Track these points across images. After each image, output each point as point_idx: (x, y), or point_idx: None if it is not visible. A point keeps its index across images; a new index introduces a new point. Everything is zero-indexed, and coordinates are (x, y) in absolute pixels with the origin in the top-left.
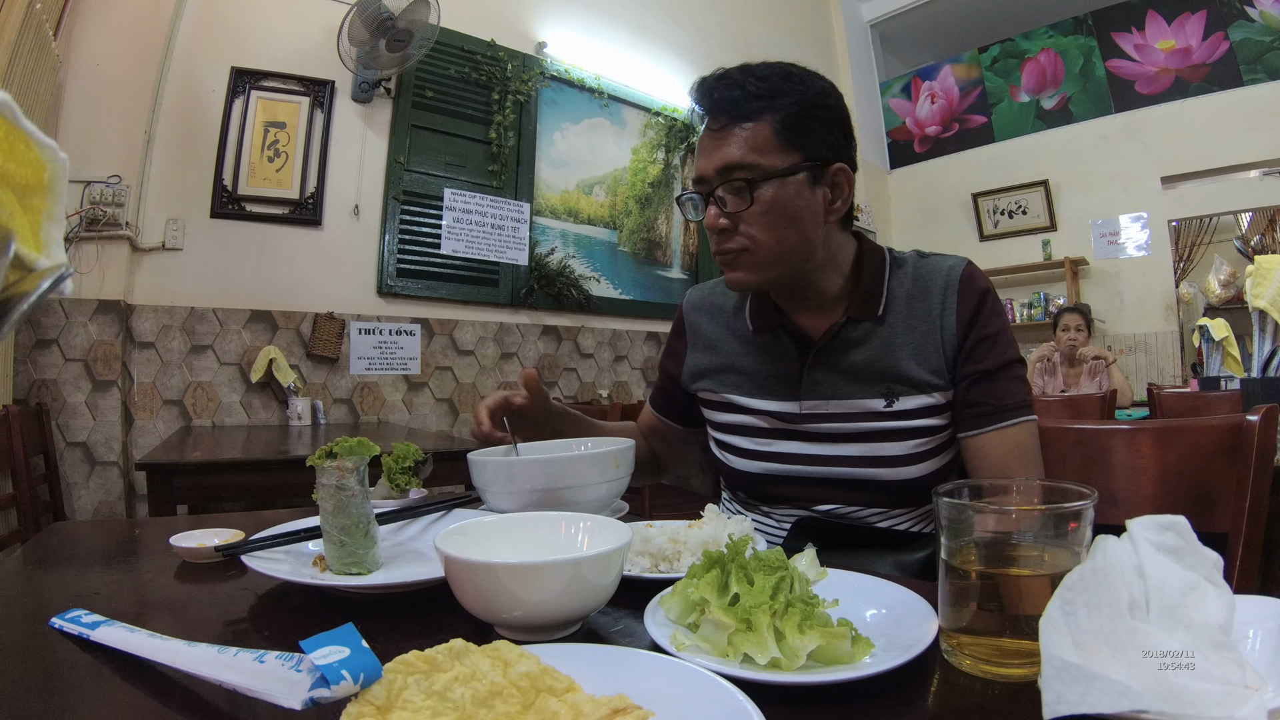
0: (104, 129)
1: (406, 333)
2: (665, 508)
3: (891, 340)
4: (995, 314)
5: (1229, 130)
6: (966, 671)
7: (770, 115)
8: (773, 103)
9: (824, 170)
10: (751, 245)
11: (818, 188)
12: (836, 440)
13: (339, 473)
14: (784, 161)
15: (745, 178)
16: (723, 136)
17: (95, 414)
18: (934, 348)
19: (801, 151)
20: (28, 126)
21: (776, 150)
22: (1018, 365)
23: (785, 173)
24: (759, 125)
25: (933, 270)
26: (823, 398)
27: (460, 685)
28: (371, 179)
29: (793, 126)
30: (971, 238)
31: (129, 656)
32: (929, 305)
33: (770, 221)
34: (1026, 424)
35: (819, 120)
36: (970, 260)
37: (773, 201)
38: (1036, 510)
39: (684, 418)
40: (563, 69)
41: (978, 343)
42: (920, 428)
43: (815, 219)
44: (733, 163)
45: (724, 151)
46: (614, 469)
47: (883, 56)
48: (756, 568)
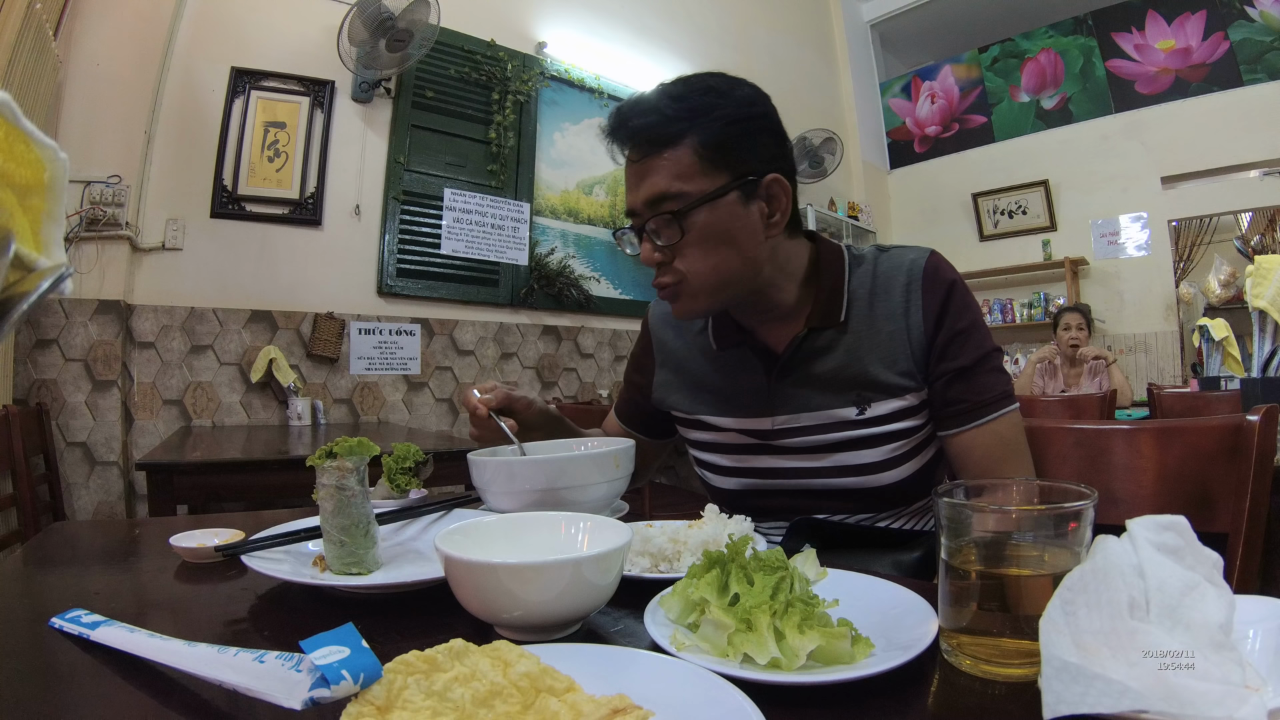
0: (104, 129)
1: (406, 333)
2: (665, 508)
3: (857, 345)
4: (965, 306)
5: (1229, 130)
6: (966, 671)
7: (691, 137)
8: (692, 124)
9: (756, 185)
10: (690, 275)
11: (752, 204)
12: (813, 452)
13: (339, 473)
14: (711, 184)
15: (672, 209)
16: (645, 167)
17: (95, 414)
18: (902, 348)
19: (729, 170)
20: (28, 126)
21: (701, 173)
22: (994, 355)
23: (714, 196)
24: (680, 150)
25: (894, 265)
26: (794, 411)
27: (460, 685)
28: (371, 179)
29: (716, 145)
30: (971, 238)
31: (129, 656)
32: (893, 304)
33: (706, 249)
34: (1008, 415)
35: (744, 133)
36: (934, 251)
37: (705, 228)
38: (1036, 510)
39: (652, 430)
40: (563, 69)
41: (950, 339)
42: (895, 432)
43: (754, 237)
44: (659, 193)
45: (649, 183)
46: (614, 469)
47: (883, 56)
48: (756, 568)
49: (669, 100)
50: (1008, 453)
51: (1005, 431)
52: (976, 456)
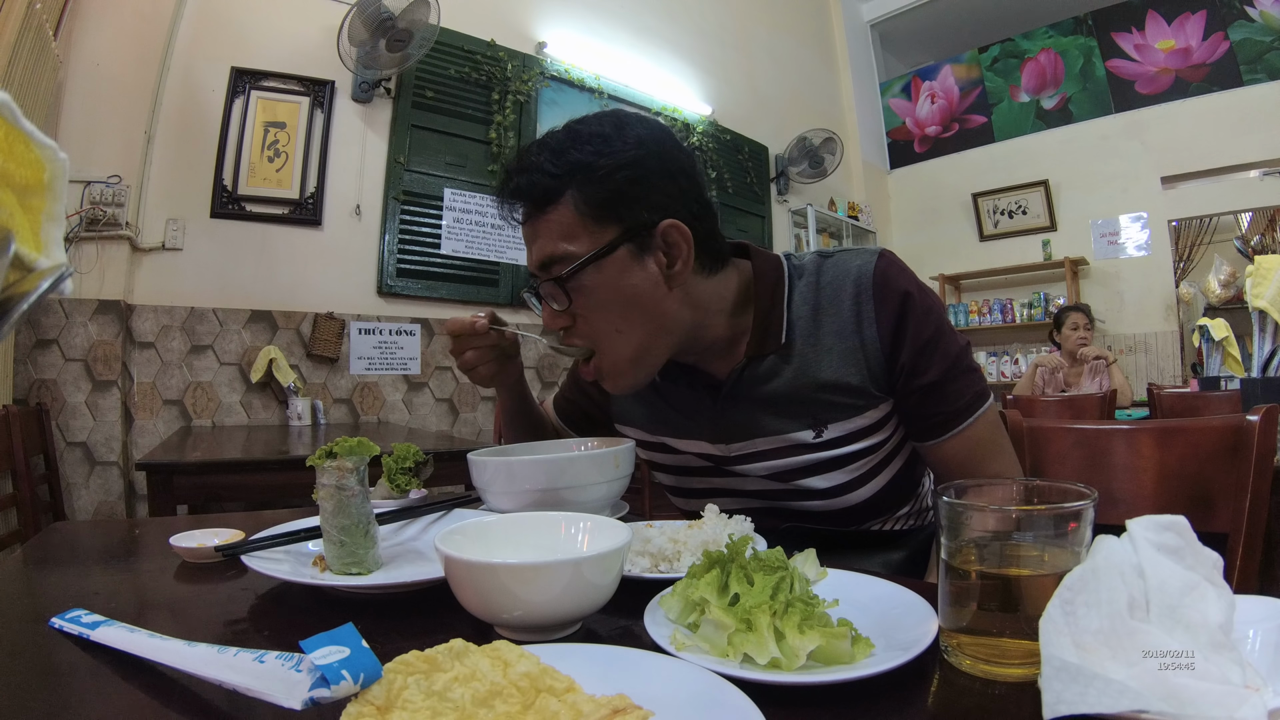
0: (104, 129)
1: (406, 333)
2: (665, 508)
3: (806, 367)
4: (925, 313)
5: (1229, 130)
6: (966, 671)
7: (572, 193)
8: (572, 179)
9: (650, 235)
10: (598, 343)
11: (648, 256)
12: (774, 478)
13: (339, 473)
14: (597, 242)
15: (559, 272)
16: (532, 229)
17: (95, 414)
18: (857, 364)
19: (616, 223)
20: (28, 126)
21: (585, 231)
22: (962, 356)
23: (600, 254)
24: (561, 208)
25: (840, 275)
26: (748, 437)
27: (460, 685)
28: (371, 179)
29: (600, 201)
30: (971, 238)
31: (129, 656)
32: (842, 319)
33: (605, 312)
34: (984, 416)
35: (632, 180)
36: (884, 251)
37: (598, 290)
38: (1036, 510)
39: (586, 431)
40: (563, 69)
41: (917, 355)
42: (856, 452)
43: (656, 290)
44: (545, 256)
45: (537, 245)
46: (614, 469)
47: (883, 56)
48: (756, 568)
49: (549, 155)
50: (988, 453)
51: (983, 433)
52: (956, 463)
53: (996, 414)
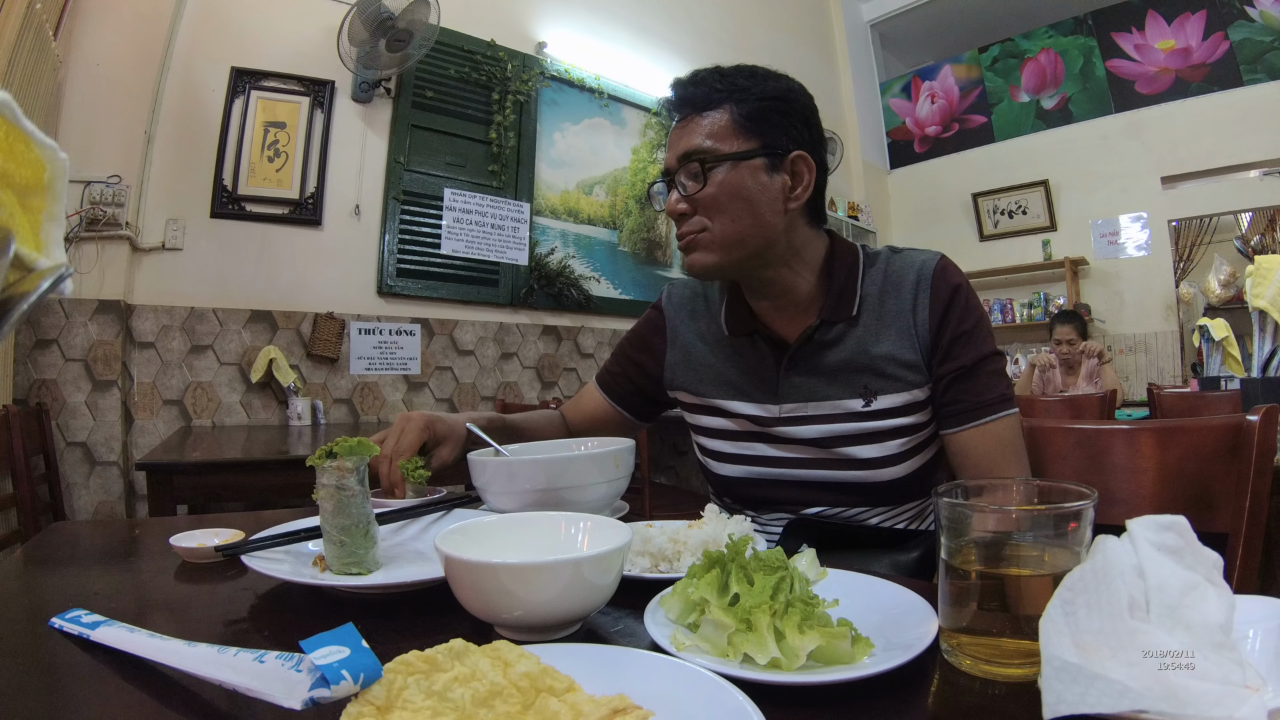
0: (104, 129)
1: (406, 333)
2: (665, 508)
3: (866, 340)
4: (969, 309)
5: (1229, 130)
6: (966, 671)
7: (730, 105)
8: (734, 94)
9: (782, 159)
10: (707, 227)
11: (776, 174)
12: (817, 444)
13: (339, 473)
14: (741, 146)
15: (701, 160)
16: (686, 127)
17: (95, 414)
18: (909, 344)
19: (760, 138)
20: (28, 126)
21: (734, 136)
22: (994, 359)
23: (740, 156)
24: (719, 114)
25: (906, 266)
26: (801, 400)
27: (460, 685)
28: (371, 179)
29: (751, 116)
30: (971, 238)
31: (129, 656)
32: (902, 302)
33: (725, 204)
34: (1007, 418)
35: (779, 112)
36: (944, 255)
37: (726, 184)
38: (1036, 510)
39: (642, 412)
40: (563, 69)
41: (954, 340)
42: (900, 427)
43: (773, 204)
44: (691, 149)
45: (685, 140)
46: (614, 469)
47: (883, 56)
48: (756, 568)
49: (716, 75)
50: (1006, 454)
51: (1004, 433)
52: (975, 456)
53: (1019, 422)
